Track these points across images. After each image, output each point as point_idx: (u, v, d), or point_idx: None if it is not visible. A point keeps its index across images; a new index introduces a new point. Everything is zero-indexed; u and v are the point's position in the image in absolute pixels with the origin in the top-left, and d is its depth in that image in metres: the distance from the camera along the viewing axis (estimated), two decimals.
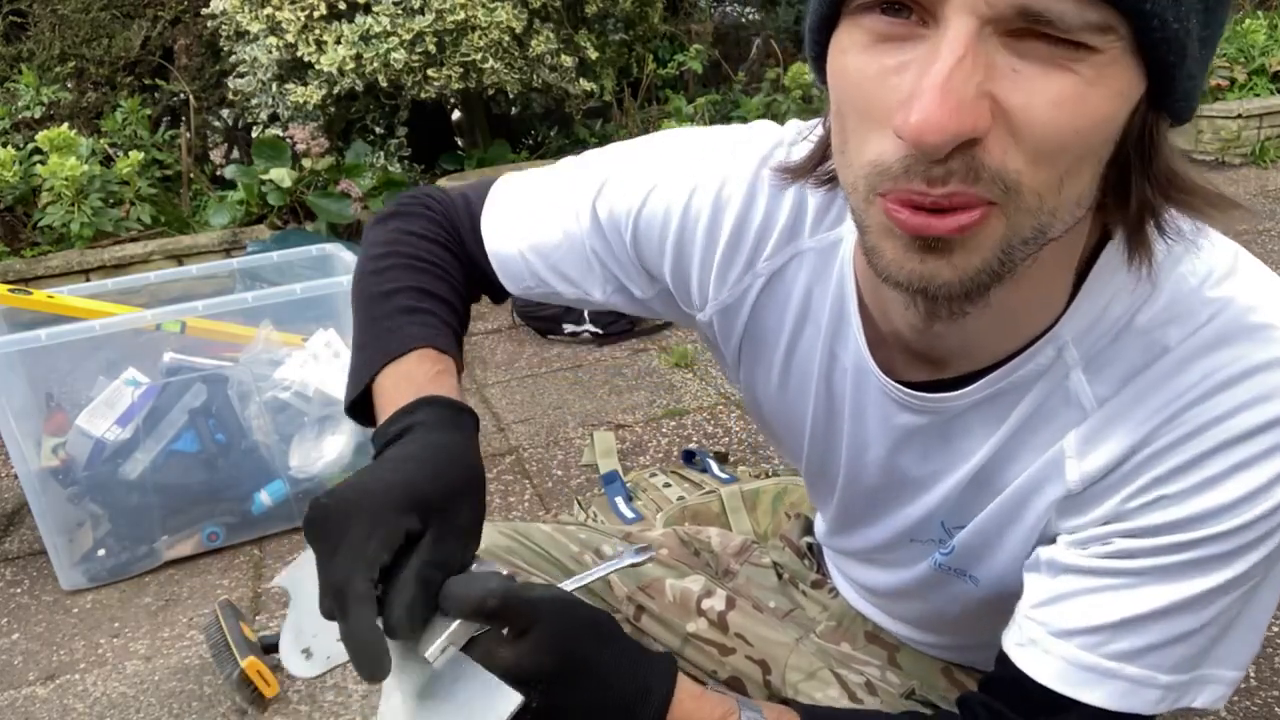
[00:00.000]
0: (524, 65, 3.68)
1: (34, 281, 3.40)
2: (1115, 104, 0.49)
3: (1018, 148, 0.48)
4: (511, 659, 0.58)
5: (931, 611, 0.84)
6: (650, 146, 0.79)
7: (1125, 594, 0.59)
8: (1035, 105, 0.47)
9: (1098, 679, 0.60)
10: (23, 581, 1.91)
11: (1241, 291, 0.58)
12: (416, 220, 0.84)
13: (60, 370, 1.86)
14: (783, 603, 0.99)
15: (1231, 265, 0.60)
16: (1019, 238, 0.51)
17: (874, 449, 0.73)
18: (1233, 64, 4.86)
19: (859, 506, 0.80)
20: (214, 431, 1.91)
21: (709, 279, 0.76)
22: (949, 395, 0.65)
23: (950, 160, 0.47)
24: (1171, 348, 0.57)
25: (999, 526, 0.68)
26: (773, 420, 0.83)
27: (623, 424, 2.39)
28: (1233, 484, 0.56)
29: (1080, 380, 0.61)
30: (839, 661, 0.91)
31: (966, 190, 0.48)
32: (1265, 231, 3.56)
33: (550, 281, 0.82)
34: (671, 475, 1.81)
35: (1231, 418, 0.55)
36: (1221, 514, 0.56)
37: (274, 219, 3.73)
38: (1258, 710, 1.28)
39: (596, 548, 0.98)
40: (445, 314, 0.78)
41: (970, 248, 0.51)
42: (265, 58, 3.65)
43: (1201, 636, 0.59)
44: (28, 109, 4.00)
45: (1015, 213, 0.50)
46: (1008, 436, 0.65)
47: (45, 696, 1.56)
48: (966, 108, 0.46)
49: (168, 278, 2.25)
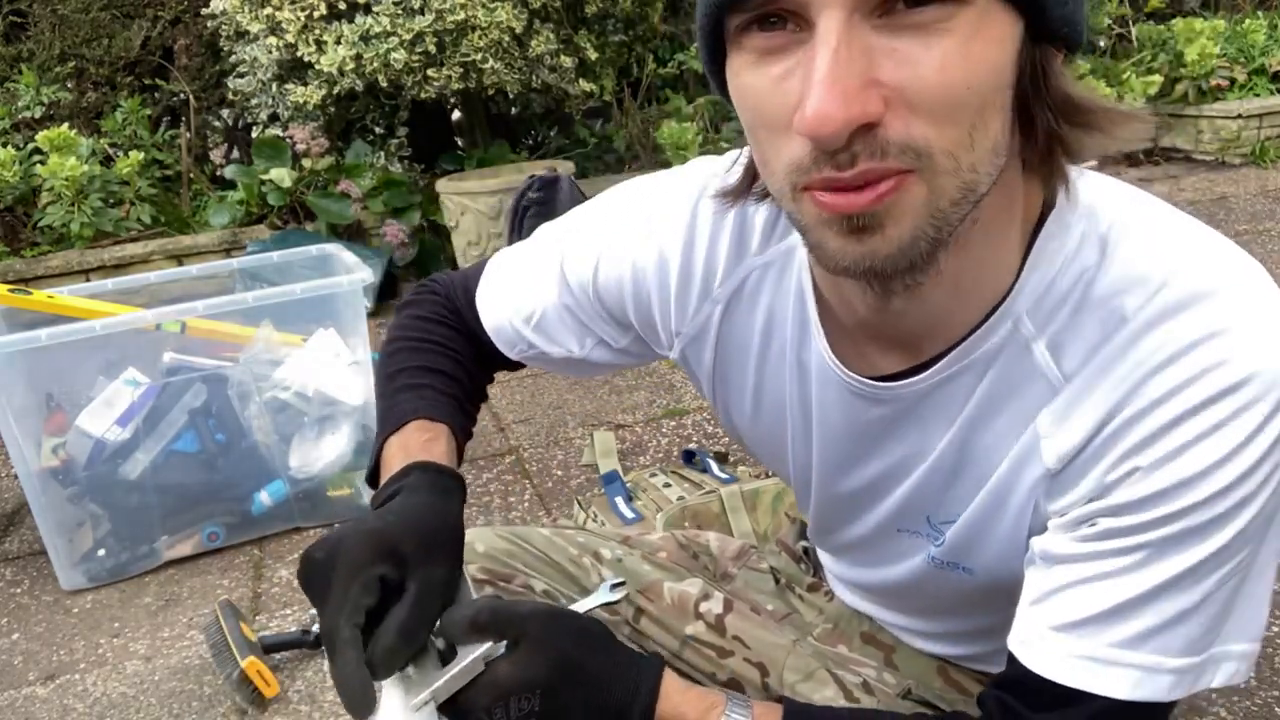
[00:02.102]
0: (524, 65, 3.68)
1: (34, 281, 3.40)
2: (998, 49, 0.51)
3: (917, 116, 0.51)
4: (508, 672, 0.63)
5: (930, 604, 0.84)
6: (598, 210, 0.84)
7: (1118, 579, 0.59)
8: (922, 75, 0.50)
9: (1104, 668, 0.60)
10: (23, 581, 1.91)
11: (1191, 254, 0.59)
12: (424, 306, 0.93)
13: (60, 370, 1.86)
14: (780, 606, 1.00)
15: (1176, 227, 0.61)
16: (946, 199, 0.53)
17: (845, 446, 0.74)
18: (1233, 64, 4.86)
19: (842, 505, 0.81)
20: (214, 431, 1.91)
21: (670, 318, 0.79)
22: (909, 381, 0.66)
23: (853, 144, 0.50)
24: (1129, 318, 0.58)
25: (987, 516, 0.68)
26: (753, 442, 0.85)
27: (623, 424, 2.39)
28: (1201, 450, 0.56)
29: (1045, 355, 0.61)
30: (836, 663, 0.91)
31: (876, 166, 0.51)
32: (1265, 231, 3.56)
33: (538, 344, 0.87)
34: (671, 475, 1.81)
35: (1190, 385, 0.56)
36: (1195, 482, 0.56)
37: (274, 219, 3.74)
38: (1258, 710, 1.28)
39: (595, 551, 0.98)
40: (444, 385, 0.85)
41: (897, 217, 0.53)
42: (265, 58, 3.65)
43: (1202, 615, 0.59)
44: (28, 109, 4.00)
45: (933, 176, 0.52)
46: (974, 414, 0.65)
47: (45, 696, 1.56)
48: (852, 95, 0.49)
49: (168, 278, 2.25)
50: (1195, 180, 4.44)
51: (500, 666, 0.63)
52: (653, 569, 0.98)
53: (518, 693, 0.62)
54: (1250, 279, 0.58)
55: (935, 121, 0.51)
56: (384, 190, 3.79)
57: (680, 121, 4.00)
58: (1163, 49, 4.94)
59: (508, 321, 0.88)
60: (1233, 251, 0.60)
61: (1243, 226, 3.62)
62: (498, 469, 2.20)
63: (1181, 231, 0.61)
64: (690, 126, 3.91)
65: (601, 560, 0.97)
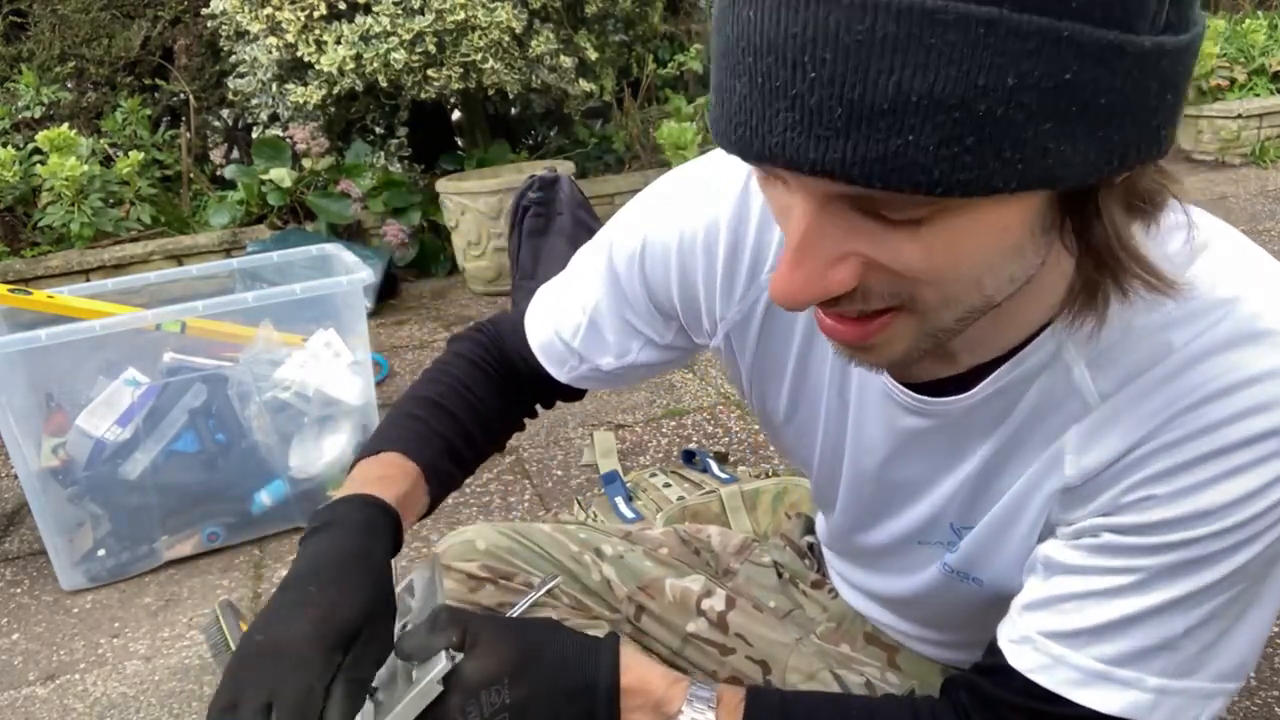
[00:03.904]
0: (524, 65, 3.68)
1: (34, 281, 3.40)
2: (1001, 234, 0.48)
3: (902, 281, 0.49)
4: (472, 668, 0.65)
5: (936, 614, 0.84)
6: (644, 194, 0.83)
7: (1114, 596, 0.59)
8: (904, 261, 0.48)
9: (1088, 680, 0.60)
10: (23, 581, 1.91)
11: (1250, 294, 0.57)
12: (463, 342, 0.94)
13: (60, 370, 1.86)
14: (783, 603, 0.99)
15: (1239, 264, 0.59)
16: (941, 325, 0.52)
17: (879, 453, 0.73)
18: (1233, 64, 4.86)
19: (865, 511, 0.80)
20: (214, 431, 1.91)
21: (715, 298, 0.77)
22: (955, 398, 0.66)
23: (833, 301, 0.50)
24: (1177, 349, 0.57)
25: (1004, 526, 0.68)
26: (784, 434, 0.83)
27: (623, 424, 2.39)
28: (1220, 490, 0.56)
29: (1084, 375, 0.60)
30: (838, 662, 0.91)
31: (859, 309, 0.51)
32: (1265, 231, 3.56)
33: (587, 355, 0.87)
34: (671, 475, 1.81)
35: (1228, 425, 0.55)
36: (1206, 518, 0.56)
37: (274, 219, 3.74)
38: (1258, 710, 1.28)
39: (596, 547, 0.98)
40: (440, 423, 0.85)
41: (888, 344, 0.53)
42: (265, 58, 3.65)
43: (1192, 641, 0.59)
44: (28, 109, 4.00)
45: (926, 313, 0.51)
46: (1011, 433, 0.65)
47: (45, 696, 1.56)
48: (816, 281, 0.48)
49: (168, 278, 2.25)
50: (1195, 180, 4.44)
51: (464, 667, 0.65)
52: (654, 565, 0.98)
53: (485, 686, 0.64)
54: None
55: (922, 288, 0.50)
56: (384, 190, 3.78)
57: (680, 121, 4.00)
58: None
59: (555, 336, 0.88)
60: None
61: (1243, 227, 3.61)
62: (498, 469, 2.20)
63: (1238, 266, 0.59)
64: (690, 126, 3.90)
65: (603, 557, 0.97)
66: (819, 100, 0.42)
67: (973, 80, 0.40)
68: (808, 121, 0.43)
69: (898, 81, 0.40)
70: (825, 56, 0.41)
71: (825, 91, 0.42)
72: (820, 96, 0.42)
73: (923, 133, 0.41)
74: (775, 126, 0.44)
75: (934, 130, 0.41)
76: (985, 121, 0.41)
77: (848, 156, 0.42)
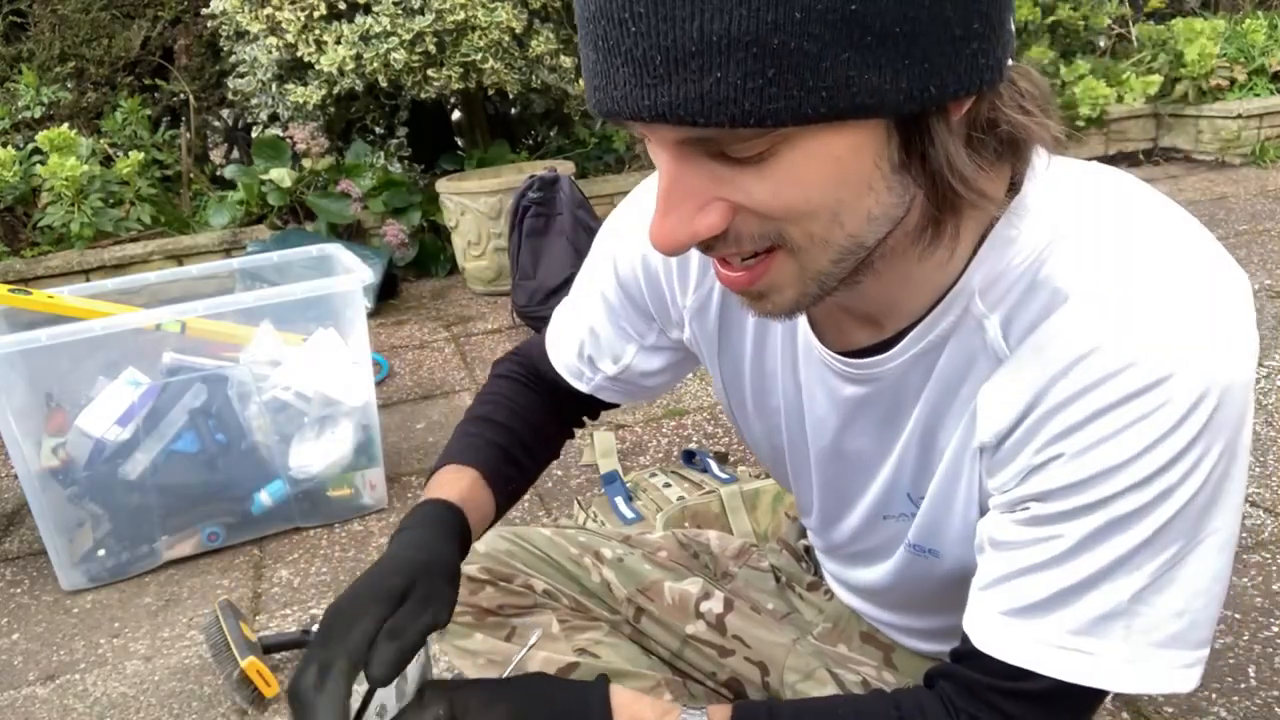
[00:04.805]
0: (524, 65, 3.68)
1: (34, 281, 3.40)
2: (840, 165, 0.51)
3: (770, 220, 0.52)
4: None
5: (909, 596, 0.85)
6: (626, 201, 0.88)
7: (1054, 566, 0.59)
8: (759, 199, 0.51)
9: (1054, 652, 0.60)
10: (23, 581, 1.91)
11: (1139, 234, 0.58)
12: (502, 365, 0.99)
13: (60, 370, 1.86)
14: (780, 605, 1.00)
15: (1130, 204, 0.59)
16: (823, 263, 0.55)
17: (831, 425, 0.75)
18: (1233, 64, 4.86)
19: (834, 494, 0.82)
20: (214, 431, 1.91)
21: (674, 290, 0.82)
22: (880, 359, 0.67)
23: (703, 245, 0.54)
24: (1070, 296, 0.57)
25: (947, 490, 0.69)
26: (755, 426, 0.85)
27: (623, 424, 2.39)
28: (1120, 442, 0.55)
29: (996, 331, 0.61)
30: (836, 662, 0.91)
31: (734, 251, 0.54)
32: (1265, 231, 3.56)
33: (600, 366, 0.91)
34: (671, 475, 1.81)
35: (1121, 373, 0.55)
36: (1114, 473, 0.56)
37: (274, 219, 3.74)
38: (1258, 710, 1.28)
39: (596, 550, 0.98)
40: (493, 433, 0.91)
41: (775, 288, 0.56)
42: (265, 58, 3.65)
43: (1143, 605, 0.58)
44: (28, 109, 4.00)
45: (800, 252, 0.54)
46: (939, 393, 0.66)
47: (45, 696, 1.56)
48: (684, 225, 0.52)
49: (168, 278, 2.25)
50: (1195, 180, 4.44)
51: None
52: (653, 568, 0.98)
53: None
54: (1201, 274, 0.57)
55: (784, 223, 0.53)
56: (384, 190, 3.79)
57: None
58: (1163, 49, 4.94)
59: (569, 351, 0.92)
60: (1195, 244, 0.58)
61: (1243, 226, 3.62)
62: None
63: (1141, 215, 0.59)
64: None
65: (602, 560, 0.98)
66: (643, 51, 0.47)
67: (763, 17, 0.45)
68: (638, 73, 0.48)
69: (699, 25, 0.45)
70: (640, 10, 0.46)
71: (646, 42, 0.47)
72: (643, 48, 0.47)
73: (728, 70, 0.46)
74: (617, 82, 0.49)
75: (737, 66, 0.46)
76: (781, 54, 0.45)
77: (673, 99, 0.47)
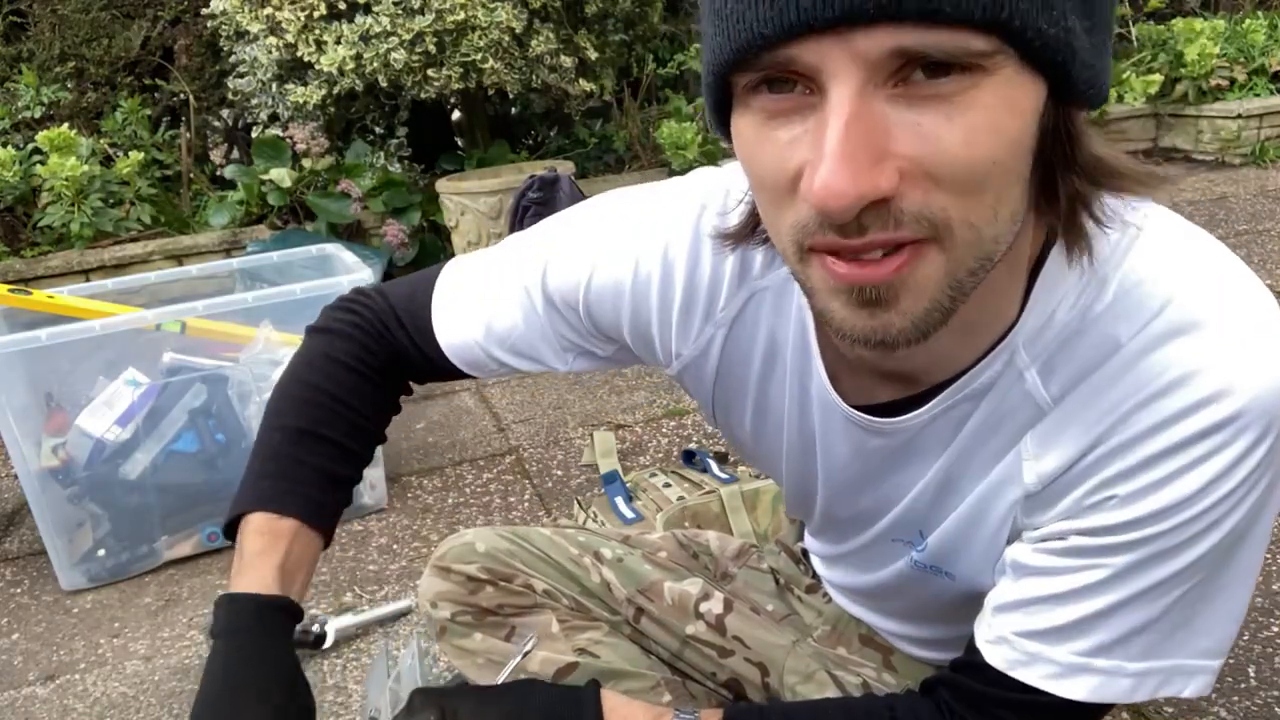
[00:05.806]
0: (524, 65, 3.68)
1: (34, 281, 3.40)
2: (1022, 120, 0.48)
3: (938, 189, 0.48)
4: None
5: (914, 608, 0.85)
6: (590, 216, 0.80)
7: (1083, 594, 0.60)
8: (945, 150, 0.47)
9: (1067, 673, 0.61)
10: (23, 581, 1.91)
11: (1189, 282, 0.57)
12: (339, 339, 0.86)
13: (60, 370, 1.86)
14: (780, 607, 1.00)
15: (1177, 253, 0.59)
16: (964, 270, 0.51)
17: (847, 473, 0.75)
18: (1233, 64, 4.85)
19: (843, 524, 0.82)
20: (214, 431, 1.91)
21: (670, 337, 0.77)
22: (914, 414, 0.67)
23: (862, 217, 0.47)
24: (1123, 344, 0.57)
25: (966, 529, 0.69)
26: (754, 458, 0.85)
27: (623, 424, 2.39)
28: (1179, 485, 0.56)
29: (1035, 381, 0.61)
30: (835, 664, 0.91)
31: (888, 235, 0.48)
32: (1265, 232, 3.56)
33: (511, 362, 0.84)
34: (671, 475, 1.81)
35: (1179, 421, 0.55)
36: (1168, 514, 0.57)
37: (274, 219, 3.73)
38: (1258, 710, 1.28)
39: (596, 550, 0.98)
40: (317, 457, 0.82)
41: (914, 290, 0.51)
42: (265, 58, 3.65)
43: (1165, 624, 0.60)
44: (28, 109, 4.00)
45: (953, 248, 0.50)
46: (967, 441, 0.66)
47: (45, 696, 1.56)
48: (864, 171, 0.46)
49: (168, 278, 2.25)
50: (1195, 180, 4.44)
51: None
52: (653, 569, 0.98)
53: None
54: (1250, 307, 0.57)
55: (958, 194, 0.48)
56: (384, 190, 3.78)
57: (680, 121, 4.00)
58: (1163, 49, 4.94)
59: (475, 342, 0.84)
60: (1237, 276, 0.58)
61: (1243, 226, 3.62)
62: (498, 469, 2.20)
63: (1184, 254, 0.59)
64: (690, 126, 3.91)
65: (602, 560, 0.97)
66: None
67: None
68: None
69: None
70: None
71: None
72: None
73: None
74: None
75: None
76: None
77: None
